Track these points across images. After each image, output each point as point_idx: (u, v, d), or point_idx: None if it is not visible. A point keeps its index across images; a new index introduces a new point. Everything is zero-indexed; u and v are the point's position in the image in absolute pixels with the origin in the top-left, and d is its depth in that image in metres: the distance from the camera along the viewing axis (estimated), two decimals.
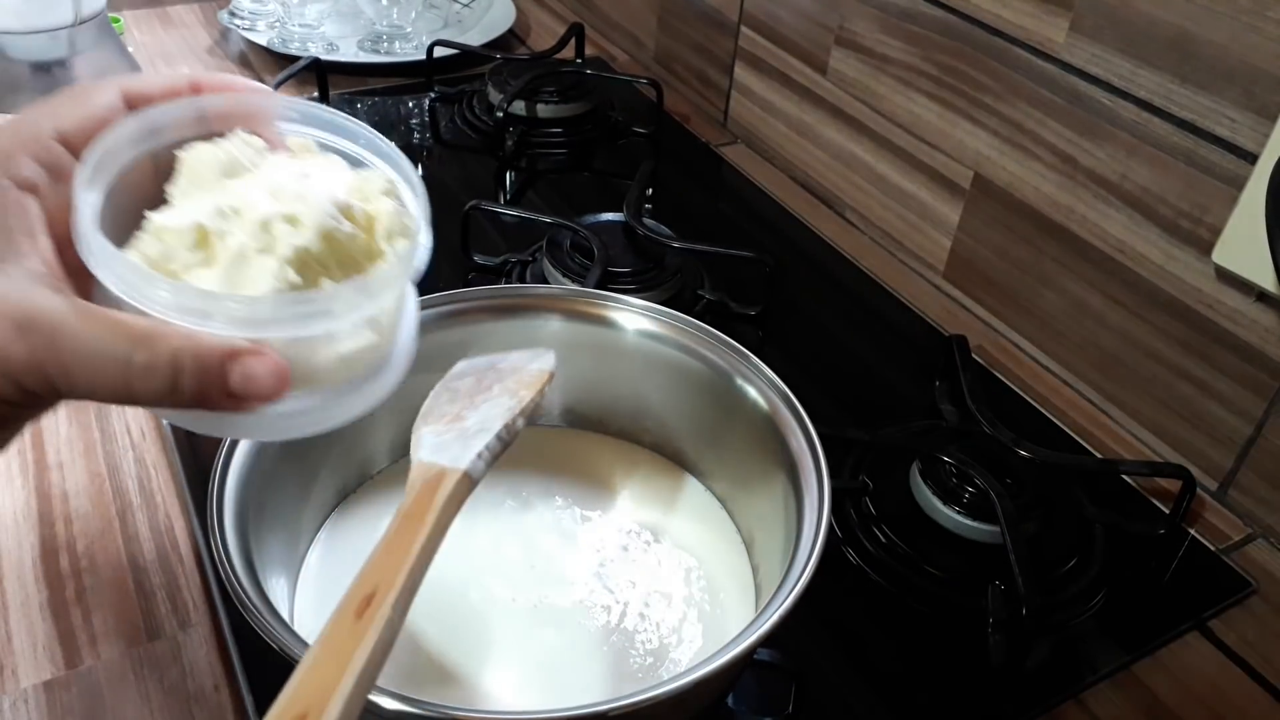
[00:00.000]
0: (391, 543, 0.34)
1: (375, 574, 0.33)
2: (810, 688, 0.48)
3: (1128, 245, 0.64)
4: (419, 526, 0.35)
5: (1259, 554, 0.59)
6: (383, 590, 0.32)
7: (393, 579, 0.33)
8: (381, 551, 0.34)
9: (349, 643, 0.31)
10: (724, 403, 0.50)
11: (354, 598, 0.32)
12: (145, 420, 0.62)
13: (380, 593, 0.32)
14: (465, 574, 0.48)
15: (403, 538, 0.35)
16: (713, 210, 0.91)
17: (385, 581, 0.33)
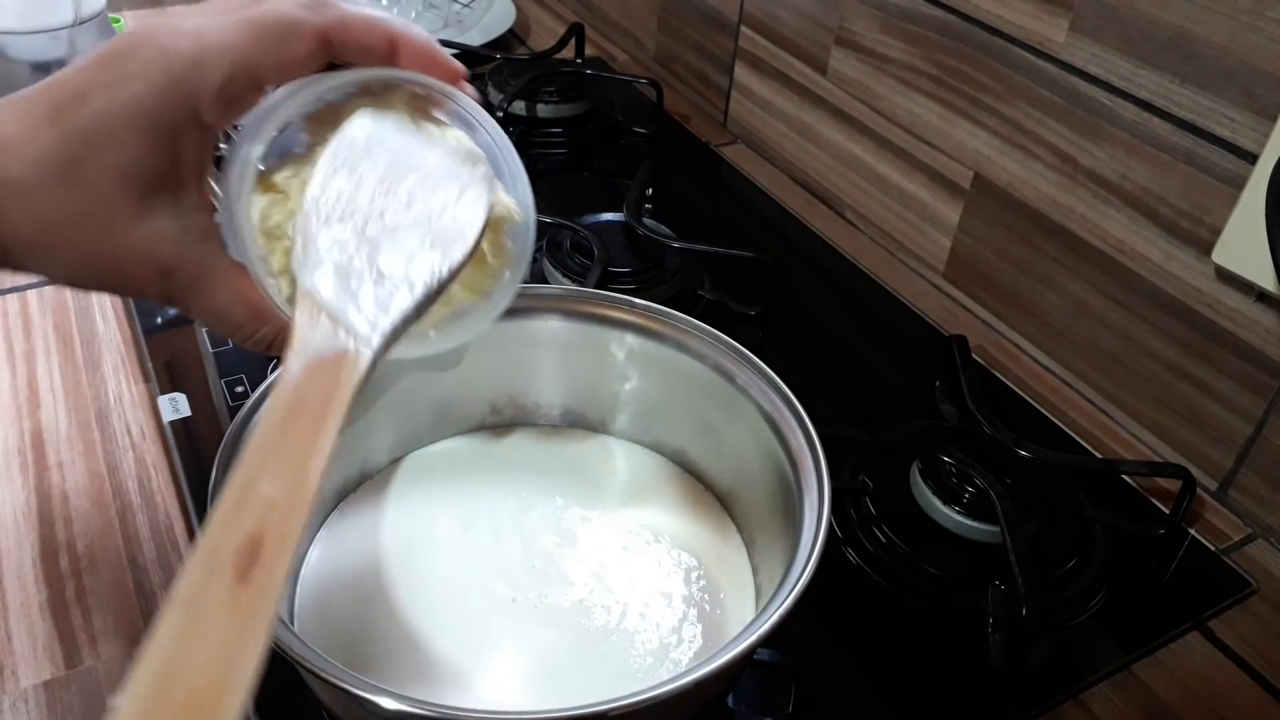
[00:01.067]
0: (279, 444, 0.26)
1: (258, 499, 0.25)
2: (810, 688, 0.48)
3: (1128, 245, 0.64)
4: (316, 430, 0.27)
5: (1259, 554, 0.59)
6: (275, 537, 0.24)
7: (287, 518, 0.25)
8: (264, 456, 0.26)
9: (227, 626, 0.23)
10: (724, 403, 0.50)
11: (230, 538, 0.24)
12: (145, 420, 0.62)
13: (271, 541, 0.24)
14: (465, 573, 0.48)
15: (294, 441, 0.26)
16: (713, 210, 0.91)
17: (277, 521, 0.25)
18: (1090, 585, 0.55)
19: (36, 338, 0.68)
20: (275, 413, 0.27)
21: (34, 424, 0.61)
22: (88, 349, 0.67)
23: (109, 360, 0.67)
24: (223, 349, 0.66)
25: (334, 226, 0.31)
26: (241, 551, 0.24)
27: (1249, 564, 0.58)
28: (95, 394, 0.64)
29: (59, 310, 0.70)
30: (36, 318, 0.70)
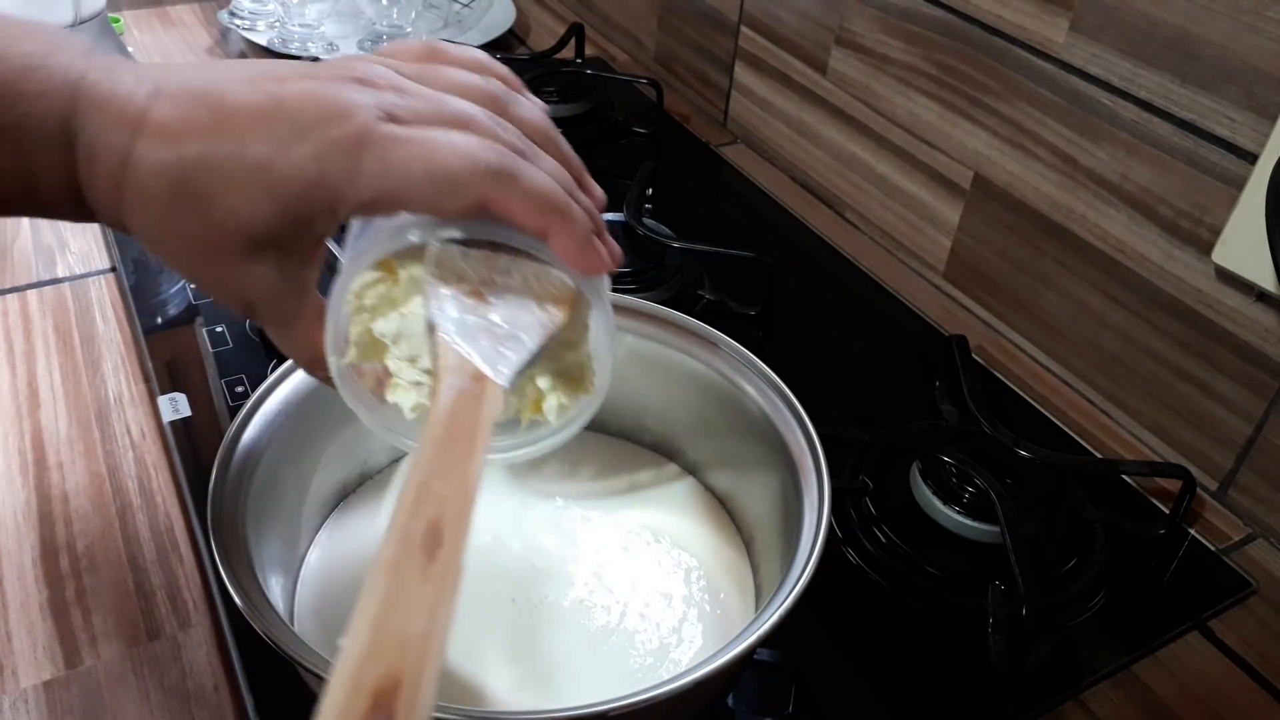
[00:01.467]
0: (443, 458, 0.31)
1: (434, 496, 0.30)
2: (810, 688, 0.48)
3: (1128, 245, 0.64)
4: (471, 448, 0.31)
5: (1259, 554, 0.59)
6: (450, 526, 0.29)
7: (459, 514, 0.29)
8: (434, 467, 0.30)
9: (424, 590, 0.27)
10: (724, 403, 0.50)
11: (414, 527, 0.29)
12: (145, 420, 0.62)
13: (449, 529, 0.29)
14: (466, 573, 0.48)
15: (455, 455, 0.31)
16: (713, 210, 0.91)
17: (452, 515, 0.29)
18: (1090, 585, 0.55)
19: (36, 338, 0.68)
20: (436, 431, 0.31)
21: (34, 424, 0.61)
22: (87, 349, 0.67)
23: (109, 360, 0.67)
24: (223, 349, 0.66)
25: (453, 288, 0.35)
26: (427, 535, 0.29)
27: (1249, 564, 0.58)
28: (95, 394, 0.64)
29: (59, 310, 0.70)
30: (36, 318, 0.70)
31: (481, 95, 0.36)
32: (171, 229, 0.34)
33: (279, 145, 0.32)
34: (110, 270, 0.74)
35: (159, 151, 0.33)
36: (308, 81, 0.33)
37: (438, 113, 0.34)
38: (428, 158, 0.33)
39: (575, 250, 0.35)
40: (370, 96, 0.33)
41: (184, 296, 0.70)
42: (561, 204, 0.35)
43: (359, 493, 0.53)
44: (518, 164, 0.34)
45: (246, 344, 0.66)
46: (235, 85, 0.34)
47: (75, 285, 0.73)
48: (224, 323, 0.68)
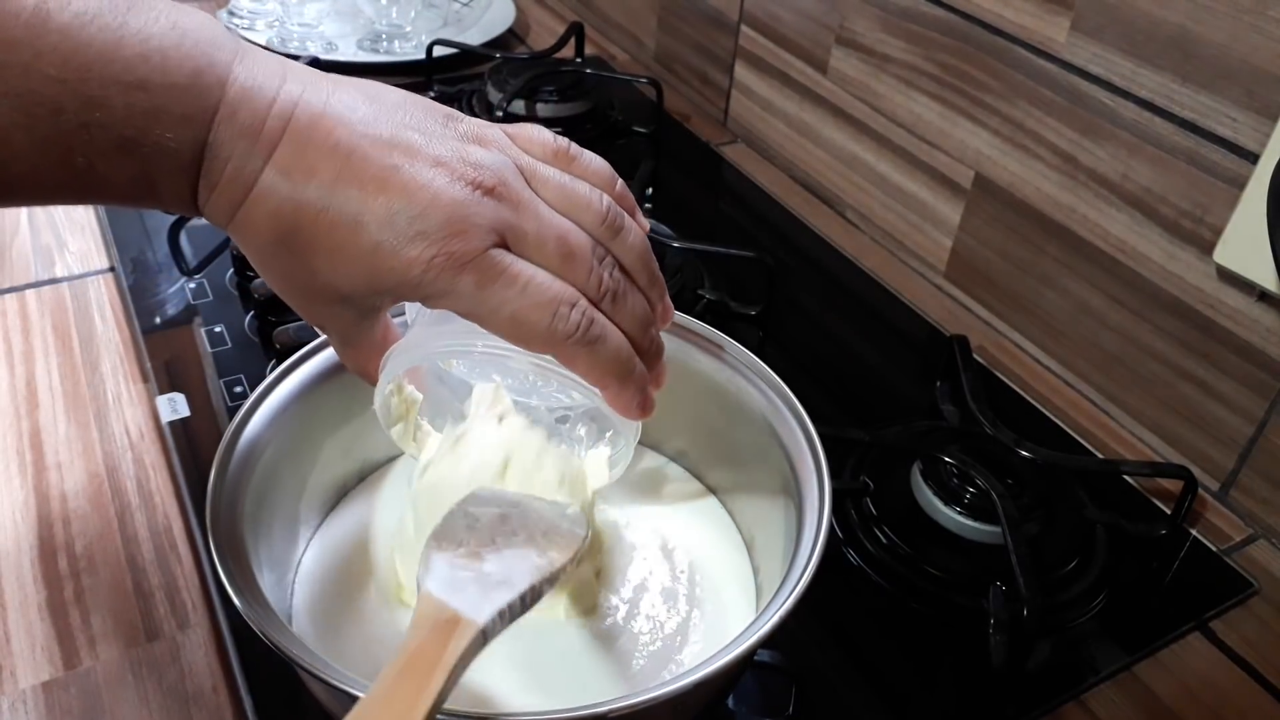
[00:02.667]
0: (392, 690, 0.31)
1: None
2: (810, 689, 0.48)
3: (1129, 245, 0.64)
4: (426, 681, 0.31)
5: (1260, 554, 0.59)
6: None
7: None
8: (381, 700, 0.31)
9: None
10: (724, 403, 0.50)
11: None
12: (144, 421, 0.62)
13: None
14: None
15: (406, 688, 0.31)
16: (713, 210, 0.91)
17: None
18: (1091, 586, 0.54)
19: (35, 338, 0.68)
20: (393, 668, 0.32)
21: (32, 424, 0.61)
22: (86, 349, 0.67)
23: (108, 360, 0.66)
24: (221, 349, 0.65)
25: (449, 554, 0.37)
26: None
27: (1250, 564, 0.58)
28: (94, 394, 0.64)
29: (58, 310, 0.70)
30: (35, 318, 0.70)
31: (596, 220, 0.38)
32: (272, 263, 0.37)
33: (395, 237, 0.34)
34: (109, 270, 0.74)
35: (283, 187, 0.34)
36: (438, 172, 0.35)
37: (546, 243, 0.36)
38: (517, 304, 0.35)
39: (623, 408, 0.39)
40: (490, 212, 0.35)
41: (182, 297, 0.70)
42: (623, 371, 0.38)
43: (356, 490, 0.52)
44: (593, 329, 0.37)
45: (245, 344, 0.66)
46: (369, 148, 0.35)
47: (74, 285, 0.73)
48: (223, 323, 0.68)
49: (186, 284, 0.71)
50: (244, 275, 0.71)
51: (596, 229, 0.38)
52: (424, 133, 0.36)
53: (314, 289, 0.37)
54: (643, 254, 0.40)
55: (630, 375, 0.38)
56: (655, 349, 0.41)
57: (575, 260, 0.37)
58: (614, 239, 0.39)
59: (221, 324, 0.67)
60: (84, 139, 0.32)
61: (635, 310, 0.39)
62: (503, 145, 0.38)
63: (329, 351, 0.49)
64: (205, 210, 0.36)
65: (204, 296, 0.70)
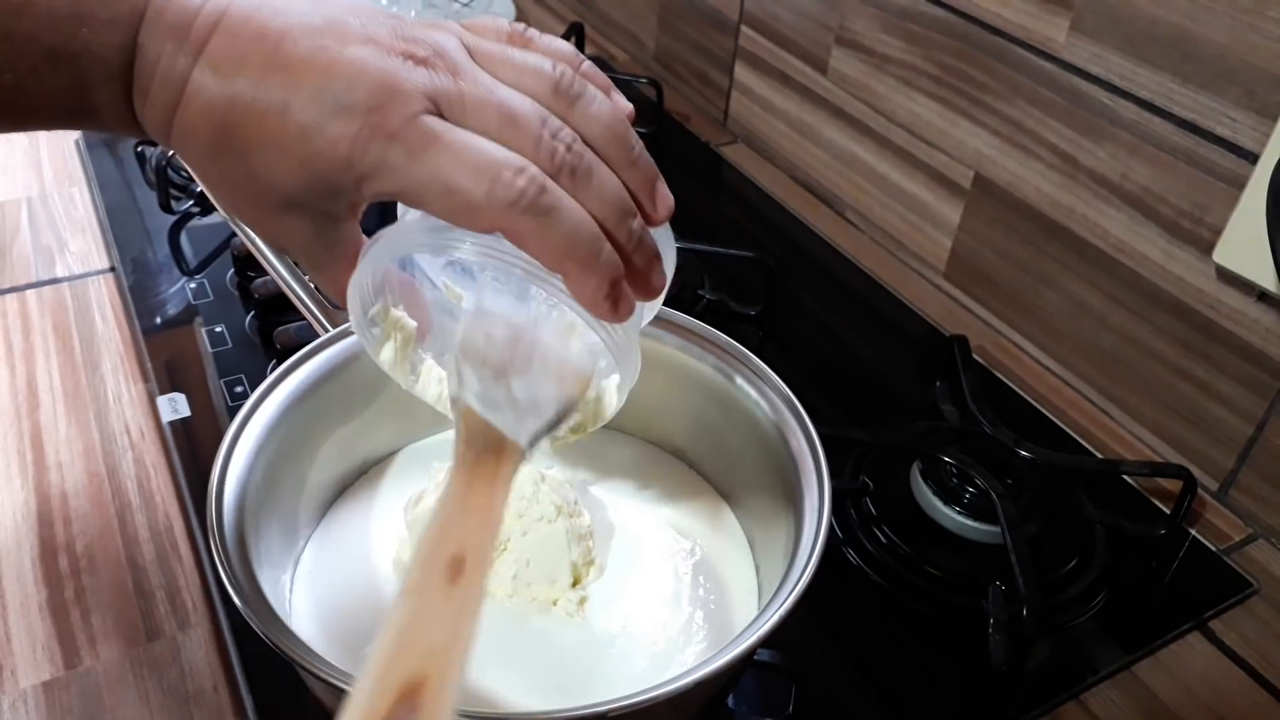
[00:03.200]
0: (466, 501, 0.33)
1: (457, 533, 0.31)
2: (810, 688, 0.48)
3: (1128, 245, 0.64)
4: (492, 494, 0.33)
5: (1260, 554, 0.59)
6: (473, 557, 0.31)
7: (482, 547, 0.31)
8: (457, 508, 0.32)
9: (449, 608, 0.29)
10: (724, 403, 0.50)
11: (437, 557, 0.31)
12: (145, 421, 0.62)
13: (471, 560, 0.30)
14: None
15: (477, 499, 0.33)
16: (713, 210, 0.91)
17: (475, 548, 0.31)
18: (1091, 586, 0.55)
19: (35, 338, 0.68)
20: (460, 482, 0.33)
21: (33, 424, 0.61)
22: (87, 349, 0.67)
23: (108, 360, 0.66)
24: (222, 349, 0.66)
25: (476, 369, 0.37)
26: (450, 565, 0.30)
27: (1250, 564, 0.58)
28: (94, 394, 0.64)
29: (58, 310, 0.70)
30: (35, 318, 0.70)
31: (547, 86, 0.34)
32: (214, 170, 0.35)
33: (320, 115, 0.32)
34: (109, 270, 0.74)
35: (212, 84, 0.32)
36: (368, 48, 0.32)
37: (486, 107, 0.33)
38: (450, 171, 0.32)
39: (588, 300, 0.34)
40: (423, 79, 0.32)
41: (183, 296, 0.70)
42: (583, 254, 0.33)
43: (355, 487, 0.52)
44: (542, 198, 0.32)
45: (246, 344, 0.66)
46: (299, 33, 0.32)
47: (74, 285, 0.73)
48: (223, 323, 0.68)
49: (187, 284, 0.71)
50: (244, 275, 0.71)
51: (547, 97, 0.33)
52: (363, 19, 0.33)
53: (259, 195, 0.34)
54: (611, 127, 0.35)
55: (594, 259, 0.33)
56: (638, 244, 0.35)
57: (520, 125, 0.32)
58: (571, 108, 0.34)
59: (222, 324, 0.68)
60: (8, 52, 0.31)
61: (605, 191, 0.34)
62: (449, 28, 0.35)
63: (329, 351, 0.49)
64: (144, 122, 0.34)
65: (204, 296, 0.70)
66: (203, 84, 0.32)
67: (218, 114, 0.33)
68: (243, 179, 0.34)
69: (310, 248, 0.37)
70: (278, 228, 0.36)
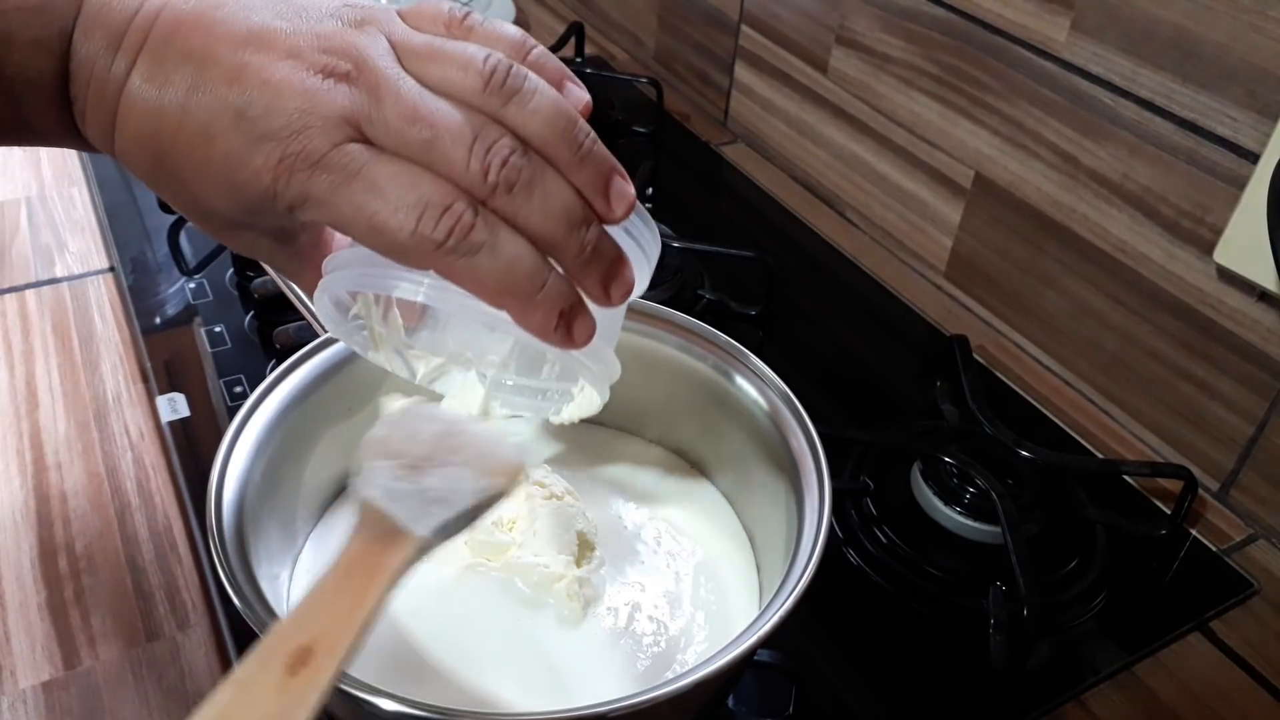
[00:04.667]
0: (336, 591, 0.31)
1: (313, 624, 0.29)
2: (811, 689, 0.48)
3: (1129, 245, 0.64)
4: (369, 584, 0.31)
5: (1260, 554, 0.59)
6: (324, 648, 0.28)
7: (337, 638, 0.29)
8: (322, 598, 0.30)
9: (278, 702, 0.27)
10: (724, 403, 0.50)
11: (284, 645, 0.28)
12: (144, 420, 0.62)
13: (321, 651, 0.28)
14: (470, 574, 0.48)
15: (350, 588, 0.31)
16: (713, 210, 0.91)
17: (328, 639, 0.29)
18: (1091, 586, 0.54)
19: (35, 338, 0.68)
20: (335, 570, 0.31)
21: (32, 424, 0.61)
22: (86, 349, 0.67)
23: (107, 360, 0.66)
24: (221, 349, 0.65)
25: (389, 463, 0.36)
26: (294, 655, 0.28)
27: (1250, 564, 0.58)
28: (94, 394, 0.64)
29: (57, 310, 0.70)
30: (35, 318, 0.70)
31: (477, 84, 0.31)
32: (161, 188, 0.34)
33: (243, 143, 0.30)
34: (109, 270, 0.74)
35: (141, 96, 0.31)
36: (287, 64, 0.30)
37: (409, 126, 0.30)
38: (374, 208, 0.30)
39: (537, 333, 0.32)
40: (343, 100, 0.30)
41: (182, 296, 0.70)
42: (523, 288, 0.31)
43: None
44: (471, 236, 0.30)
45: (245, 344, 0.66)
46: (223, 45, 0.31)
47: (74, 285, 0.73)
48: (223, 323, 0.68)
49: (186, 284, 0.71)
50: (244, 275, 0.71)
51: (477, 97, 0.31)
52: (293, 19, 0.31)
53: (207, 215, 0.33)
54: (553, 121, 0.31)
55: (533, 293, 0.31)
56: (590, 254, 0.32)
57: (444, 145, 0.30)
58: (506, 105, 0.31)
59: (221, 324, 0.67)
60: None
61: (550, 202, 0.31)
62: (382, 23, 0.32)
63: (329, 351, 0.49)
64: (89, 139, 0.33)
65: (204, 296, 0.70)
66: (134, 103, 0.31)
67: (149, 136, 0.32)
68: (187, 199, 0.33)
69: (274, 258, 0.37)
70: (238, 241, 0.36)
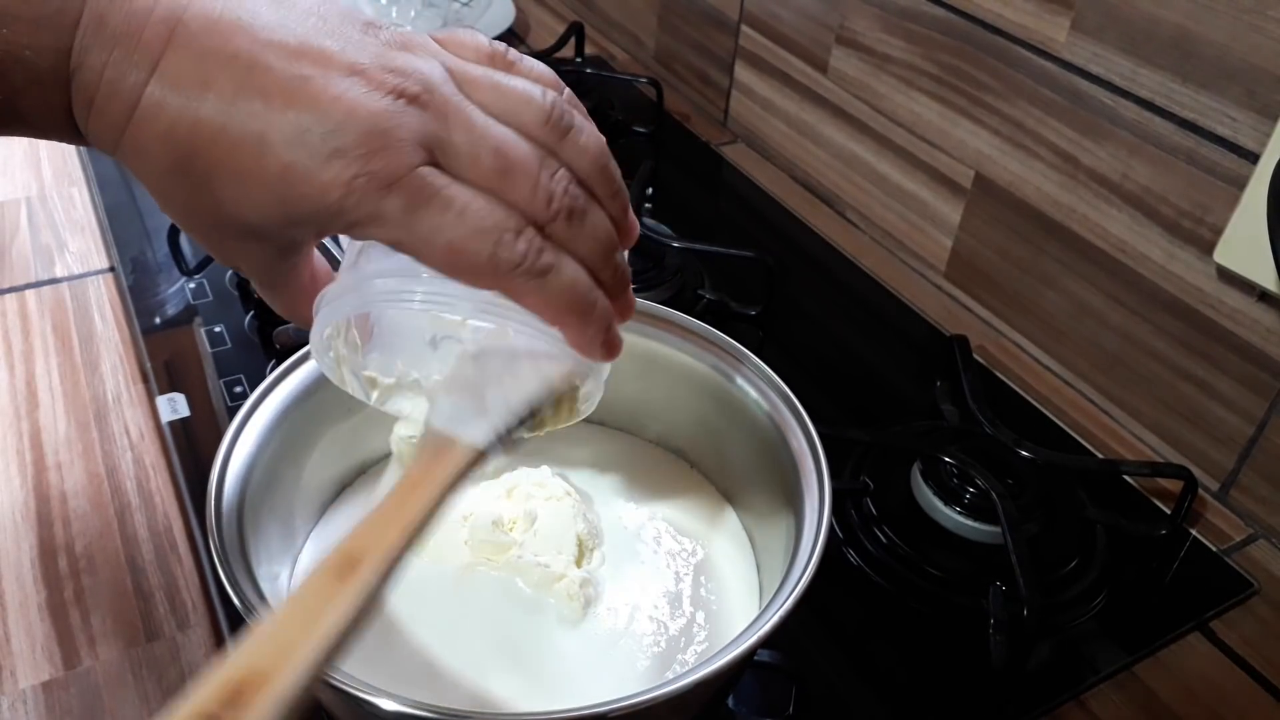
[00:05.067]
0: (386, 508, 0.32)
1: (363, 538, 0.30)
2: (811, 689, 0.48)
3: (1129, 245, 0.64)
4: (417, 495, 0.32)
5: (1260, 554, 0.59)
6: (369, 555, 0.29)
7: (380, 545, 0.30)
8: (374, 516, 0.32)
9: (320, 604, 0.28)
10: (724, 403, 0.50)
11: (336, 559, 0.30)
12: (144, 421, 0.62)
13: (366, 558, 0.29)
14: (470, 574, 0.48)
15: (398, 504, 0.32)
16: (713, 210, 0.91)
17: (373, 546, 0.30)
18: (1091, 586, 0.54)
19: (35, 338, 0.68)
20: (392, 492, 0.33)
21: (32, 424, 0.61)
22: (86, 349, 0.67)
23: (107, 360, 0.66)
24: (221, 349, 0.65)
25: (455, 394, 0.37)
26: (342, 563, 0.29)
27: (1250, 564, 0.58)
28: (94, 394, 0.64)
29: (57, 310, 0.70)
30: (35, 318, 0.70)
31: (539, 118, 0.33)
32: (170, 191, 0.33)
33: (309, 157, 0.30)
34: (109, 270, 0.74)
35: (173, 103, 0.30)
36: (354, 81, 0.30)
37: (481, 157, 0.32)
38: (454, 232, 0.31)
39: (585, 347, 0.35)
40: (416, 123, 0.31)
41: (183, 297, 0.70)
42: (581, 307, 0.33)
43: (354, 487, 0.52)
44: (543, 258, 0.32)
45: (245, 344, 0.66)
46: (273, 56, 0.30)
47: (74, 285, 0.73)
48: (223, 323, 0.68)
49: (186, 284, 0.71)
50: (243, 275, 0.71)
51: (539, 130, 0.33)
52: (339, 38, 0.31)
53: (221, 222, 0.33)
54: (598, 158, 0.34)
55: (591, 311, 0.34)
56: (620, 278, 0.35)
57: (516, 174, 0.32)
58: (562, 141, 0.33)
59: (221, 324, 0.67)
60: None
61: (597, 231, 0.34)
62: (431, 50, 0.33)
63: None
64: (87, 133, 0.32)
65: (204, 296, 0.70)
66: (162, 102, 0.30)
67: (181, 139, 0.31)
68: (203, 205, 0.32)
69: (268, 273, 0.37)
70: (233, 251, 0.35)
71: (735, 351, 0.50)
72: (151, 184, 0.33)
